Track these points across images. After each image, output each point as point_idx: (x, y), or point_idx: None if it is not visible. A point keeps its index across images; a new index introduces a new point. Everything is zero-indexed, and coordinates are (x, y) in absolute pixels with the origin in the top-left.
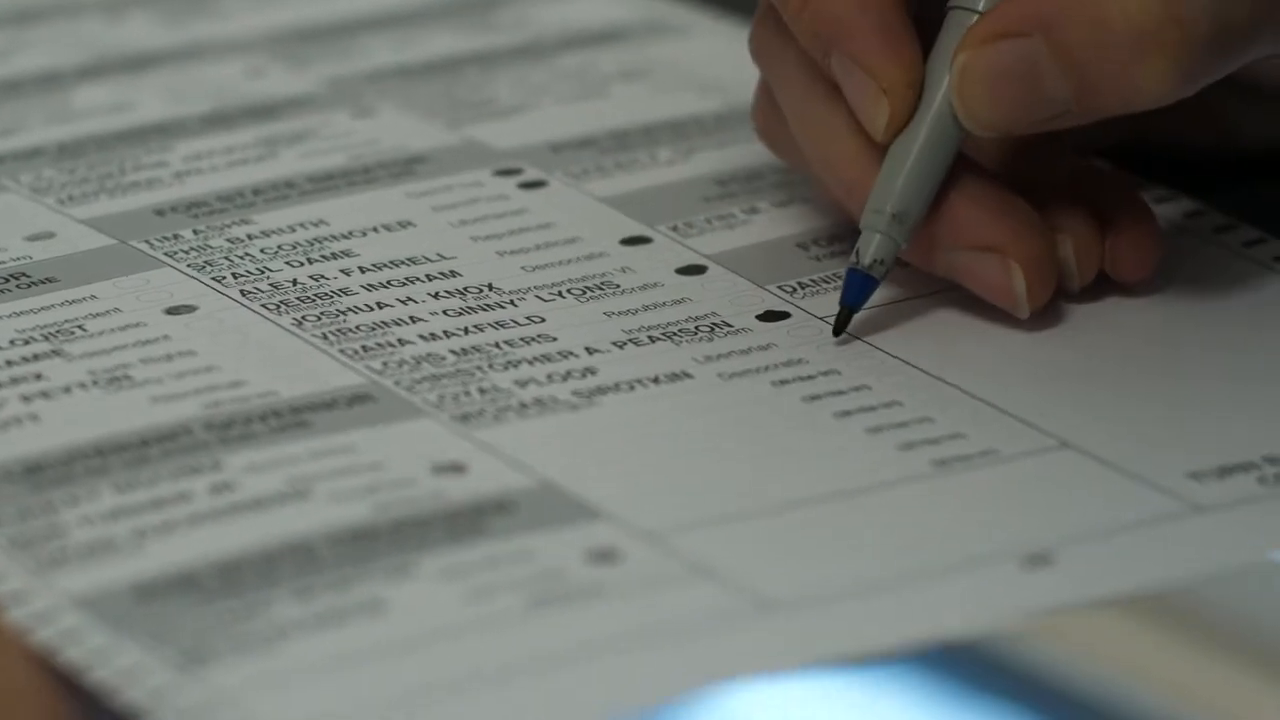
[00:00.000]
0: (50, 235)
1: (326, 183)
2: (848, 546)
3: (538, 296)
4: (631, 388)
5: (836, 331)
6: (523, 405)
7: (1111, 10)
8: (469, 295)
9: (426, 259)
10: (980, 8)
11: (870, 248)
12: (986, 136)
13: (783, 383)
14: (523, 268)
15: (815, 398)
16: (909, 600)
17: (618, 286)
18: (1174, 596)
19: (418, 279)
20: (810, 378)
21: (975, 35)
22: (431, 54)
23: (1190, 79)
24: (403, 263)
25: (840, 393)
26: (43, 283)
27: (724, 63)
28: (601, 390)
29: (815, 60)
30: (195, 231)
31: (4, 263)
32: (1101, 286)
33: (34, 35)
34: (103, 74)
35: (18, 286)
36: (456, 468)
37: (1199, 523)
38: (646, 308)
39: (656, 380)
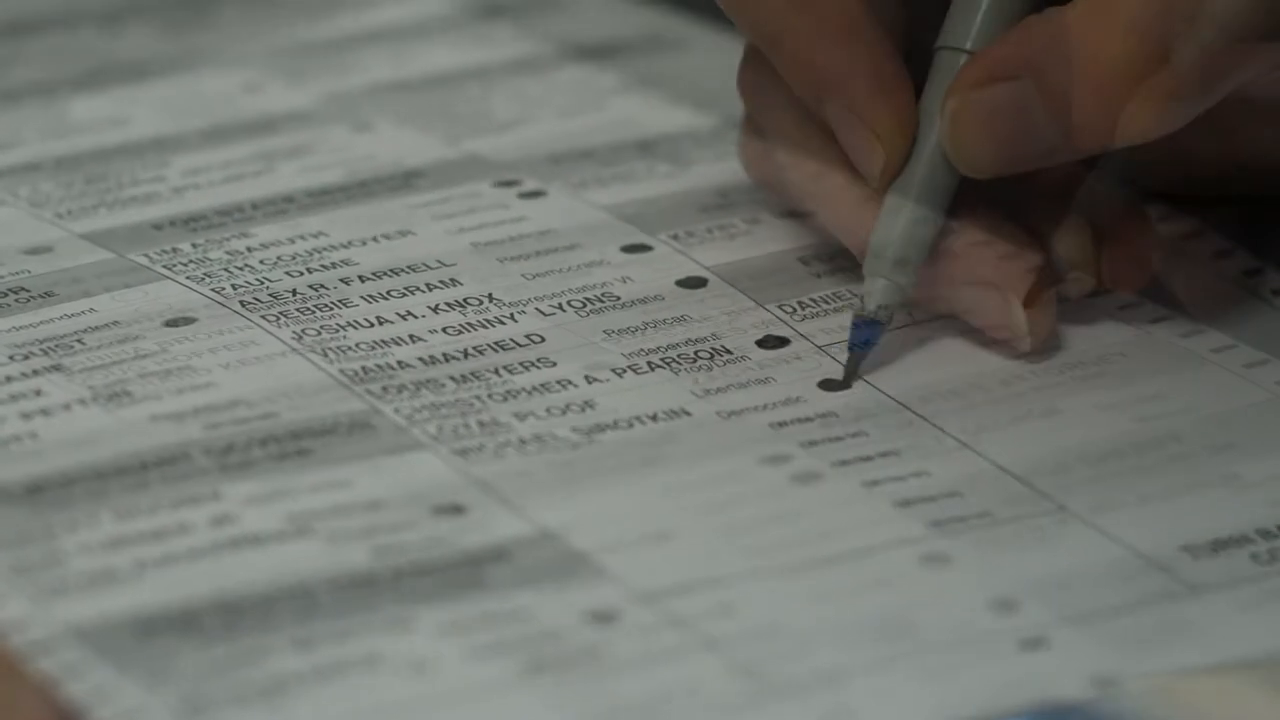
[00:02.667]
0: (48, 249)
1: (325, 197)
2: (845, 621)
3: (538, 309)
4: (630, 425)
5: (846, 382)
6: (522, 441)
7: (1098, 52)
8: (469, 308)
9: (426, 266)
10: (968, 47)
11: (875, 294)
12: (978, 178)
13: (781, 425)
14: (523, 275)
15: (813, 443)
16: (908, 683)
17: (618, 299)
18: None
19: (418, 288)
20: (808, 419)
21: (965, 79)
22: (429, 69)
23: (1178, 116)
24: (403, 270)
25: (838, 439)
26: (41, 297)
27: (722, 76)
28: (600, 428)
29: (808, 105)
30: (194, 245)
31: (2, 277)
32: (1098, 312)
33: (31, 48)
34: (100, 87)
35: (16, 301)
36: (455, 509)
37: (1195, 606)
38: (646, 325)
39: (655, 418)
